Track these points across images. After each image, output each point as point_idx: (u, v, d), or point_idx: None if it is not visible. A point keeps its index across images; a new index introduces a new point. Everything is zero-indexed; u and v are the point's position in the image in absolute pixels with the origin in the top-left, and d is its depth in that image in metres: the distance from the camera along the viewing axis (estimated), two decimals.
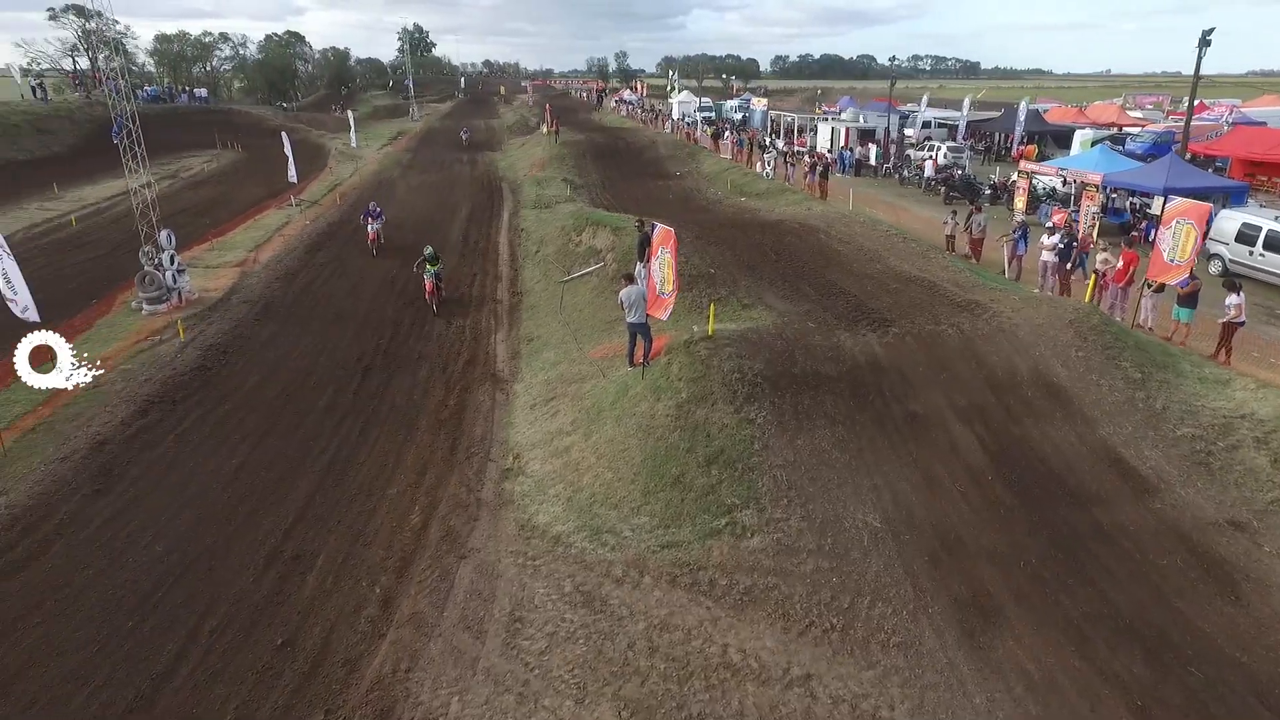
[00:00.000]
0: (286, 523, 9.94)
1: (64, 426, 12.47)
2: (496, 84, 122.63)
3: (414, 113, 69.30)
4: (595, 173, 37.85)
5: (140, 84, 53.38)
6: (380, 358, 15.78)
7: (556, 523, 9.42)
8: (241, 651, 7.68)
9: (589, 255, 19.50)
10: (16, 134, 39.66)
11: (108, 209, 30.58)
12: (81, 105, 46.29)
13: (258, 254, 23.40)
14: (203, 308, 18.34)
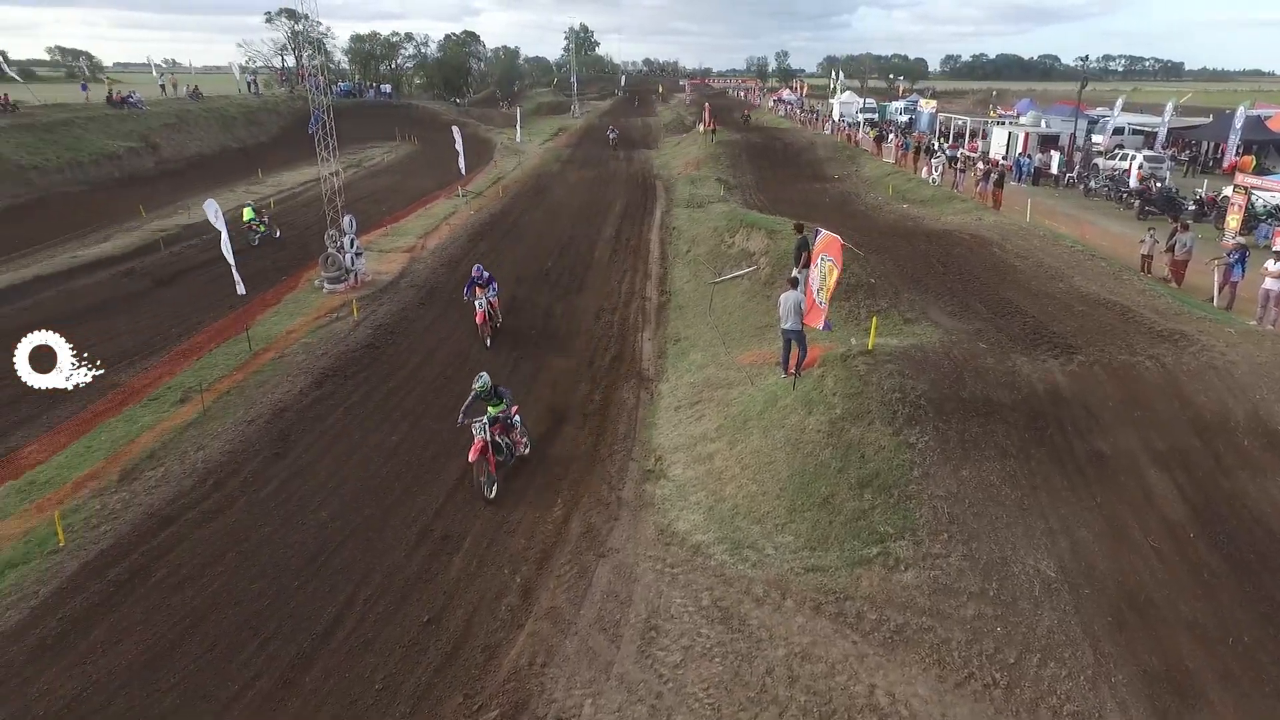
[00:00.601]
0: (437, 502, 10.34)
1: (253, 392, 13.69)
2: (655, 82, 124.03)
3: (575, 110, 71.37)
4: (750, 173, 37.29)
5: (335, 80, 58.36)
6: (531, 347, 16.19)
7: (696, 531, 9.19)
8: (391, 624, 8.02)
9: (741, 257, 19.12)
10: (232, 124, 44.43)
11: (300, 193, 33.59)
12: (285, 99, 51.21)
13: (426, 241, 24.80)
14: (375, 289, 19.62)
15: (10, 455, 11.57)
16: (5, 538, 9.43)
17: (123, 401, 13.33)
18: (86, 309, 18.66)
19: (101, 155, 34.22)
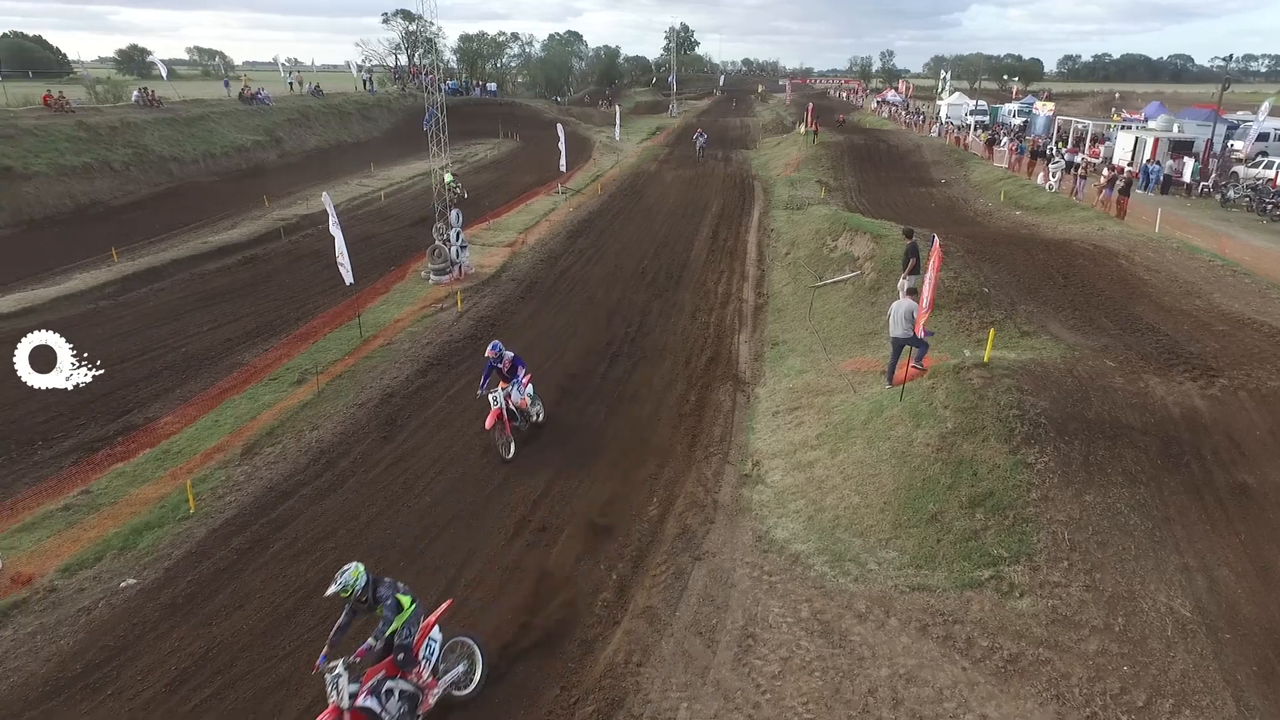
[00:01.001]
0: (535, 494, 10.49)
1: (363, 376, 14.30)
2: (754, 82, 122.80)
3: (673, 109, 71.43)
4: (851, 176, 36.34)
5: (444, 78, 60.46)
6: (627, 345, 16.25)
7: (795, 540, 8.97)
8: (490, 611, 8.16)
9: (844, 262, 18.62)
10: (348, 120, 46.66)
11: (409, 187, 34.95)
12: (398, 96, 53.38)
13: (526, 236, 25.33)
14: (478, 282, 20.18)
15: (149, 425, 12.48)
16: (143, 502, 10.16)
17: (246, 380, 14.16)
18: (214, 292, 19.98)
19: (231, 148, 36.57)
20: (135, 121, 33.13)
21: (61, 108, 31.20)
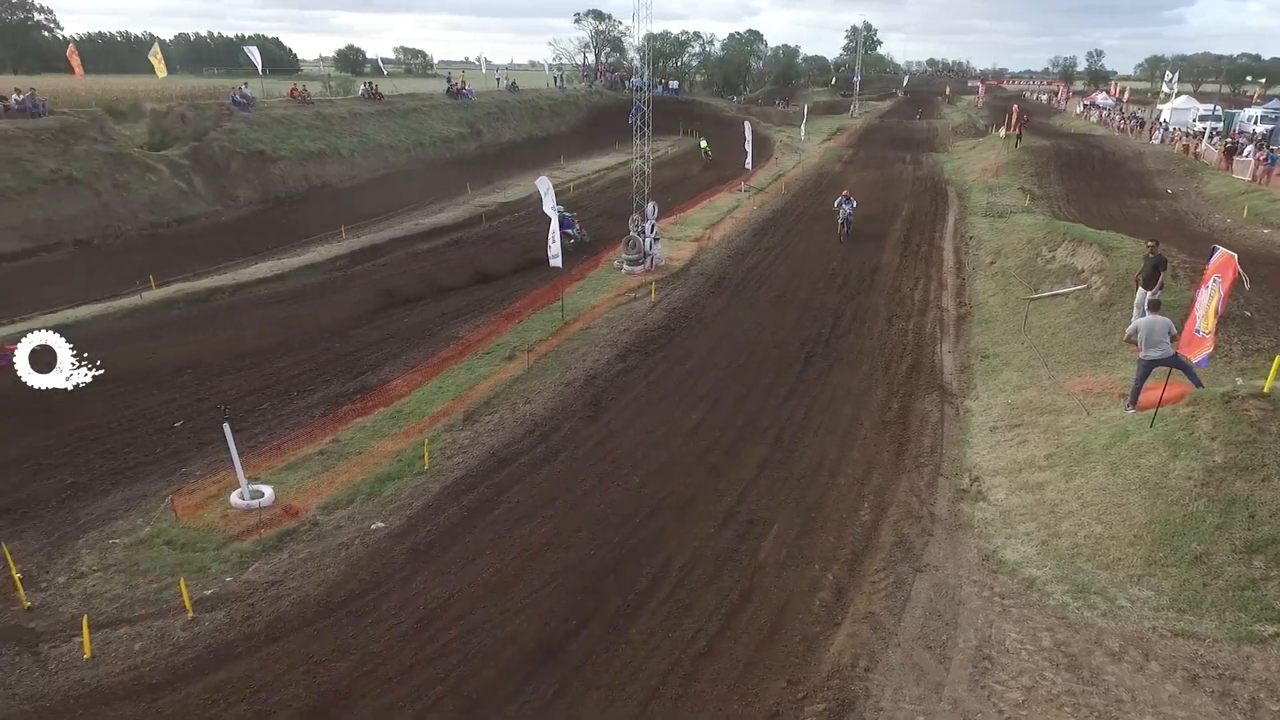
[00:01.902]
0: (740, 486, 10.50)
1: (567, 357, 14.95)
2: (941, 83, 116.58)
3: (854, 109, 69.24)
4: (1058, 183, 33.58)
5: (627, 76, 62.01)
6: (821, 346, 15.91)
7: (1029, 565, 8.37)
8: (706, 594, 8.26)
9: (1065, 274, 17.19)
10: (539, 115, 49.00)
11: (595, 180, 36.21)
12: (585, 94, 55.41)
13: (712, 232, 25.46)
14: (667, 274, 20.53)
15: (382, 386, 13.70)
16: (384, 455, 11.16)
17: (462, 352, 15.20)
18: (425, 270, 21.65)
19: (438, 139, 39.47)
20: (361, 113, 36.57)
21: (303, 100, 34.97)
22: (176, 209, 26.82)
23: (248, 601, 8.15)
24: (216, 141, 29.65)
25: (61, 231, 23.37)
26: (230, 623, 7.84)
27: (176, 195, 27.22)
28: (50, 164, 24.01)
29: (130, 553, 8.95)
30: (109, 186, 25.23)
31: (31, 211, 22.96)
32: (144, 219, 25.60)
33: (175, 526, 9.41)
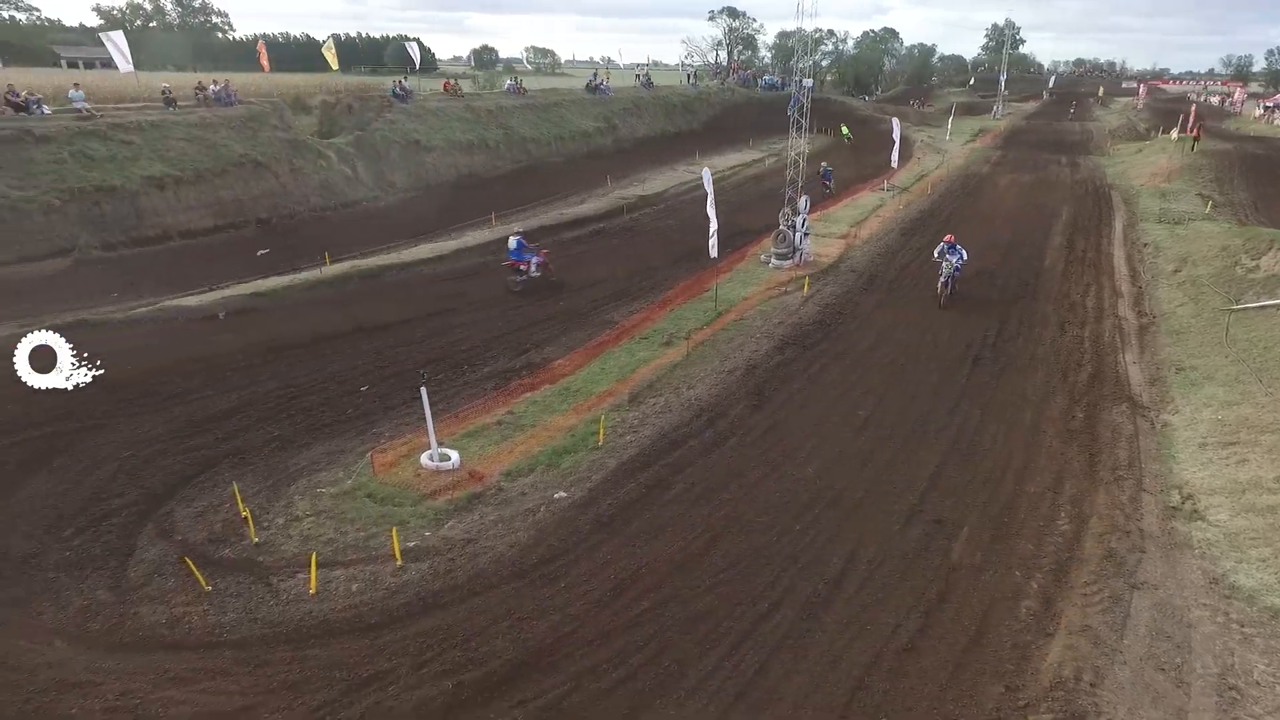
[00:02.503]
0: (919, 485, 10.12)
1: (723, 347, 14.89)
2: (1092, 83, 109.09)
3: (997, 110, 65.76)
4: (1244, 189, 30.67)
5: (760, 74, 61.50)
6: (989, 350, 15.14)
7: (1270, 594, 7.62)
8: (899, 590, 7.99)
9: (1273, 284, 15.63)
10: (672, 112, 49.26)
11: (729, 177, 36.00)
12: (717, 91, 55.27)
13: (857, 230, 24.78)
14: (816, 270, 20.11)
15: (546, 364, 14.10)
16: (557, 429, 11.46)
17: (618, 337, 15.44)
18: (573, 258, 22.17)
19: (577, 133, 40.37)
20: (506, 107, 37.88)
21: (455, 94, 36.60)
22: (342, 193, 28.67)
23: (448, 556, 8.54)
24: (378, 131, 31.45)
25: (246, 210, 25.44)
26: (434, 574, 8.24)
27: (343, 180, 29.09)
28: (239, 148, 26.16)
29: (337, 502, 9.58)
30: (286, 170, 27.24)
31: (222, 191, 25.09)
32: (314, 201, 27.50)
33: (374, 481, 10.00)
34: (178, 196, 23.87)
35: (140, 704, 6.46)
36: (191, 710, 6.41)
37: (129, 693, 6.57)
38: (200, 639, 7.32)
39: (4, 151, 21.02)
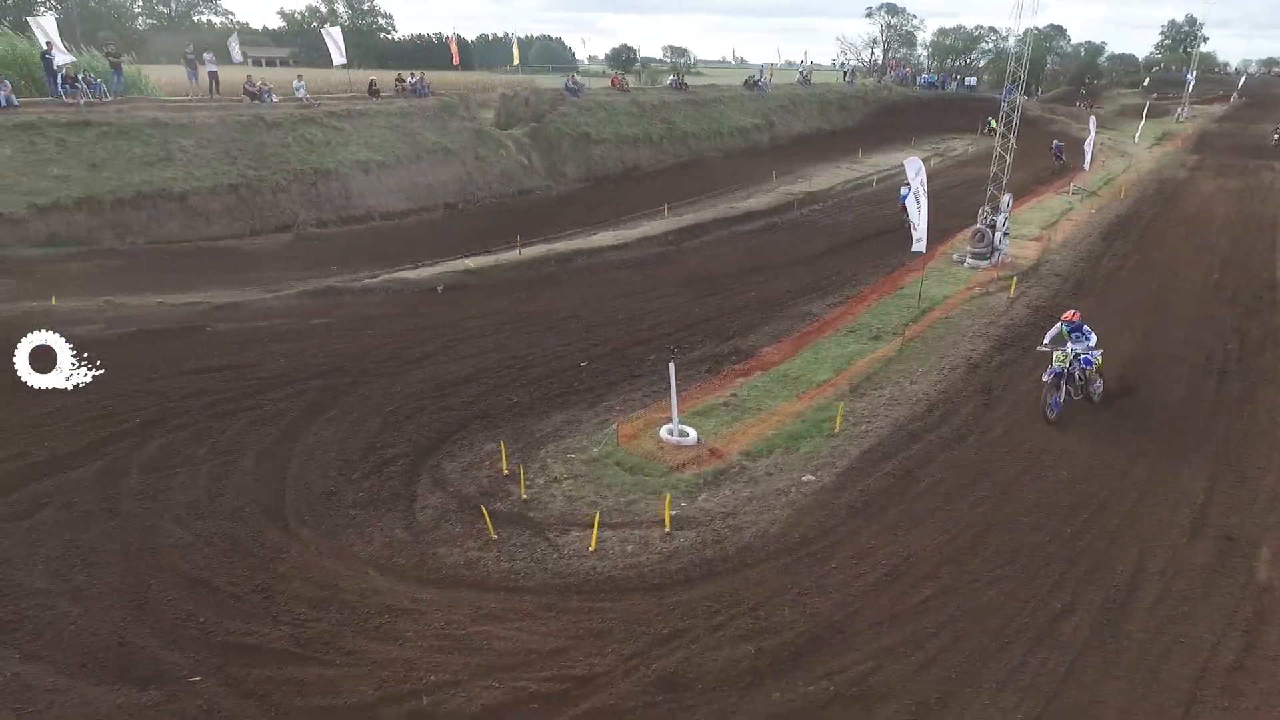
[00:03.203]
0: (1195, 498, 9.43)
1: (936, 344, 14.44)
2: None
3: (1181, 112, 60.43)
4: None
5: (918, 72, 59.35)
6: (1234, 364, 13.94)
7: None
8: (1203, 605, 7.48)
9: None
10: (828, 109, 48.32)
11: (896, 175, 34.77)
12: (873, 89, 53.73)
13: (1051, 233, 23.45)
14: (1015, 272, 19.13)
15: (754, 352, 14.13)
16: (786, 415, 11.45)
17: (820, 329, 15.27)
18: (752, 249, 22.20)
19: (735, 129, 40.35)
20: (669, 102, 38.33)
21: (622, 88, 37.38)
22: (519, 181, 29.92)
23: (710, 527, 8.70)
24: (552, 123, 32.61)
25: (436, 195, 27.02)
26: (703, 542, 8.42)
27: (520, 169, 30.36)
28: (432, 136, 27.82)
29: (589, 467, 9.98)
30: (472, 158, 28.73)
31: (417, 176, 26.76)
32: (495, 189, 28.86)
33: (619, 451, 10.34)
34: (380, 180, 25.66)
35: (465, 634, 6.94)
36: (510, 645, 6.83)
37: (452, 623, 7.09)
38: (498, 582, 7.79)
39: (242, 135, 23.28)
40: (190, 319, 13.82)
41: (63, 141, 20.16)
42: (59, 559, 7.76)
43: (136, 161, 20.87)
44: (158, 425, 10.51)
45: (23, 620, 6.89)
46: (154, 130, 21.82)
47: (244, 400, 11.43)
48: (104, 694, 6.16)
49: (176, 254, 19.85)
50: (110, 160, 20.52)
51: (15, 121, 19.90)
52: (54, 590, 7.30)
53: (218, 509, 8.86)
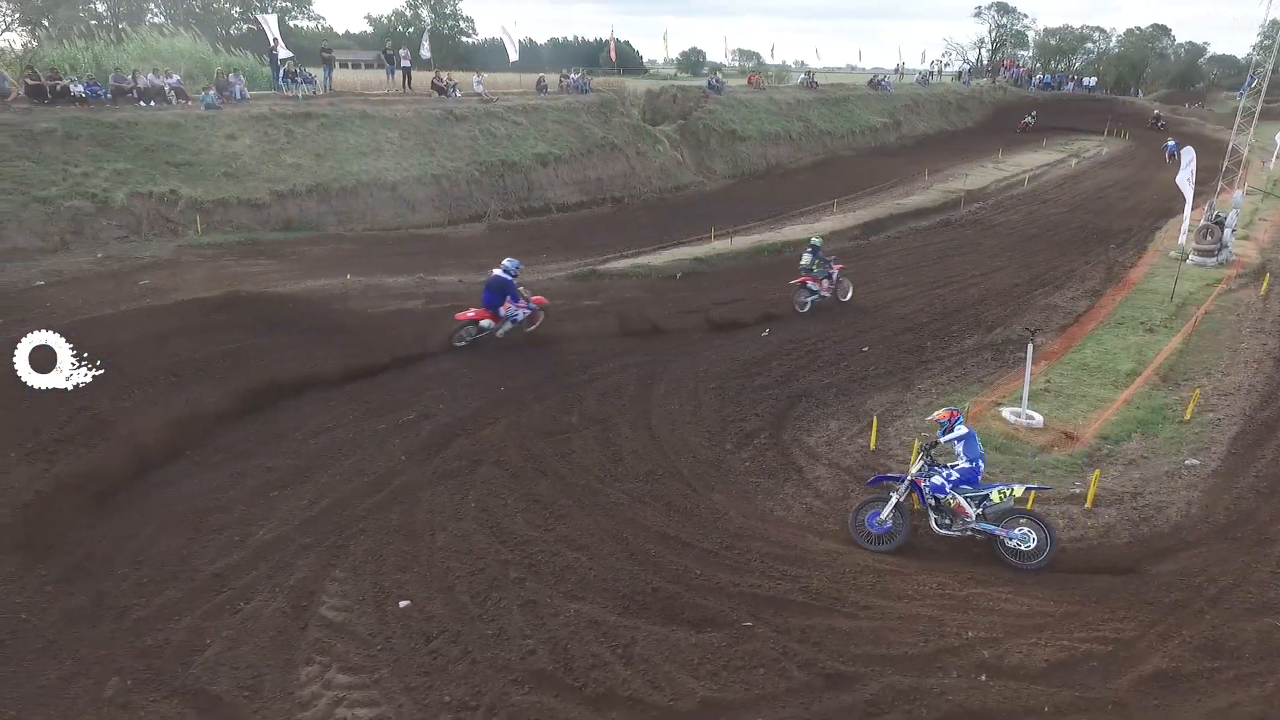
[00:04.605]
0: None
1: (1215, 338, 14.24)
2: None
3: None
4: None
5: (1033, 72, 58.24)
6: None
7: None
8: None
9: None
10: (947, 109, 47.75)
11: (1042, 175, 34.27)
12: (988, 89, 52.88)
13: (1252, 232, 22.78)
14: (1243, 270, 18.67)
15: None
16: (1119, 402, 11.34)
17: (1084, 322, 15.10)
18: (947, 243, 22.13)
19: (865, 127, 40.15)
20: (803, 100, 38.34)
21: (758, 87, 37.51)
22: (674, 177, 30.25)
23: (1127, 506, 8.70)
24: (699, 120, 32.89)
25: (604, 189, 27.51)
26: (1130, 520, 8.43)
27: (674, 165, 30.70)
28: (599, 132, 28.32)
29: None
30: (634, 154, 29.15)
31: (587, 170, 27.28)
32: (655, 184, 29.24)
33: (974, 431, 10.37)
34: (556, 173, 26.24)
35: (965, 595, 7.06)
36: (1016, 607, 6.92)
37: (942, 585, 7.23)
38: (947, 549, 7.92)
39: (437, 129, 24.05)
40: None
41: (291, 132, 21.11)
42: (526, 511, 8.13)
43: (353, 152, 21.73)
44: (528, 392, 10.96)
45: (540, 565, 7.25)
46: (363, 123, 22.71)
47: (579, 374, 11.81)
48: (669, 633, 6.43)
49: (396, 240, 20.59)
50: (331, 150, 21.41)
51: (251, 113, 20.92)
52: (545, 539, 7.65)
53: (626, 471, 9.17)
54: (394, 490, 8.22)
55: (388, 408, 10.07)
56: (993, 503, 7.88)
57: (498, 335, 12.58)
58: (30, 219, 16.08)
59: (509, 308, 12.48)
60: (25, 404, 8.41)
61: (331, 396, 10.22)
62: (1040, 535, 7.64)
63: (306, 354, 11.17)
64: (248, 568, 6.81)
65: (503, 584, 6.91)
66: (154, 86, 20.03)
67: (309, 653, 5.94)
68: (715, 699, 5.76)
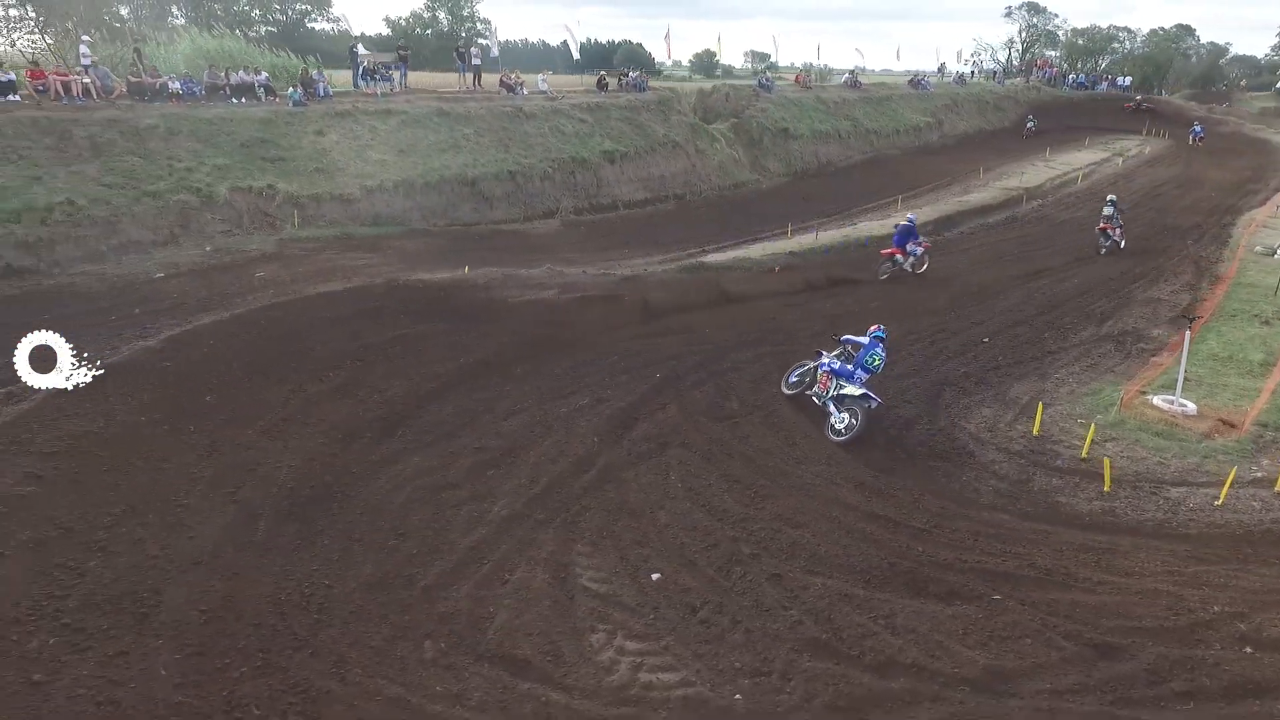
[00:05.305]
0: None
1: None
2: None
3: None
4: None
5: (1066, 72, 58.22)
6: None
7: None
8: None
9: None
10: (985, 109, 47.66)
11: (1092, 173, 34.26)
12: (1022, 89, 52.85)
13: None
14: None
15: (1146, 334, 14.15)
16: (1264, 390, 11.41)
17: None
18: (1022, 238, 22.26)
19: (909, 126, 40.21)
20: (849, 99, 38.43)
21: (806, 86, 37.65)
22: (732, 175, 30.37)
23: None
24: (752, 118, 32.97)
25: (666, 185, 27.64)
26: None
27: (731, 163, 30.82)
28: (660, 129, 28.48)
29: (1116, 431, 10.15)
30: (693, 151, 29.29)
31: (651, 167, 27.42)
32: (714, 181, 29.34)
33: (1129, 418, 10.48)
34: (622, 170, 26.40)
35: (1192, 573, 7.15)
36: (1249, 584, 7.00)
37: (1165, 563, 7.32)
38: (1155, 530, 8.01)
39: (510, 125, 24.24)
40: (607, 288, 14.42)
41: (374, 129, 21.30)
42: (730, 490, 8.24)
43: (433, 148, 21.92)
44: (684, 378, 11.08)
45: (767, 541, 7.35)
46: (440, 120, 22.90)
47: (719, 361, 11.91)
48: (922, 605, 6.53)
49: (479, 235, 20.76)
50: (413, 146, 21.59)
51: (336, 110, 21.14)
52: (760, 516, 7.75)
53: (804, 455, 9.26)
54: (601, 470, 8.33)
55: (558, 392, 10.20)
56: (845, 392, 9.85)
57: (905, 268, 17.34)
58: (142, 213, 16.27)
59: (912, 246, 17.34)
60: (245, 385, 8.47)
61: (506, 381, 10.36)
62: (855, 423, 9.65)
63: (478, 339, 11.37)
64: (497, 541, 6.93)
65: (741, 559, 7.01)
66: (244, 83, 20.22)
67: (590, 621, 6.05)
68: (997, 666, 5.86)
